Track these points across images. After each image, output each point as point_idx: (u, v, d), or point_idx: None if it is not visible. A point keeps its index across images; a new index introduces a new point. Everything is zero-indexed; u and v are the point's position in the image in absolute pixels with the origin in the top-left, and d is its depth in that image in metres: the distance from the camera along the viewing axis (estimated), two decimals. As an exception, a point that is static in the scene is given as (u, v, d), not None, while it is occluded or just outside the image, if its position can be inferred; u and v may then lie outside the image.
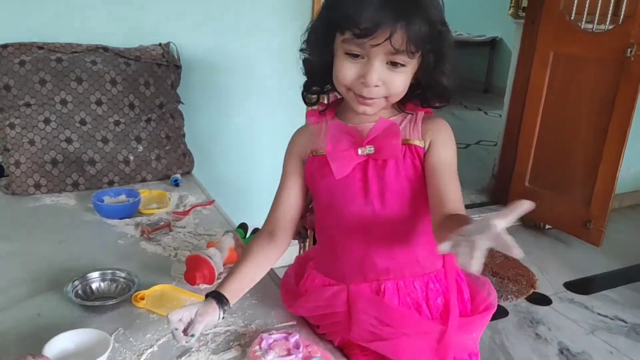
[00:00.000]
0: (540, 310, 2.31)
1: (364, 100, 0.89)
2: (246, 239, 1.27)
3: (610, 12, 2.52)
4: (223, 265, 1.17)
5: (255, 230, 1.33)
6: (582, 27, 2.64)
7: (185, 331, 0.86)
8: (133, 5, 1.86)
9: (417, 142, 0.92)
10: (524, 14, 3.18)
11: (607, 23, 2.55)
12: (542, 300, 2.39)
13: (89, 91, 1.66)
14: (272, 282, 1.17)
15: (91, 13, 1.81)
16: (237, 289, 0.95)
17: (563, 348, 2.07)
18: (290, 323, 1.02)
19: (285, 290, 1.08)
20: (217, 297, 0.90)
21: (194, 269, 1.11)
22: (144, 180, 1.73)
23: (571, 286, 2.52)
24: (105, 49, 1.74)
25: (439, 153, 0.92)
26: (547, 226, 3.05)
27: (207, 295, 0.92)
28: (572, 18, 2.68)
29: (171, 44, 1.86)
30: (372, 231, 0.93)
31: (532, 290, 2.44)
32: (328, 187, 0.95)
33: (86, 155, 1.65)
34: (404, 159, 0.92)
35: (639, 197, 3.59)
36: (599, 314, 2.31)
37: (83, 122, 1.66)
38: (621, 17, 2.49)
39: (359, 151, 0.92)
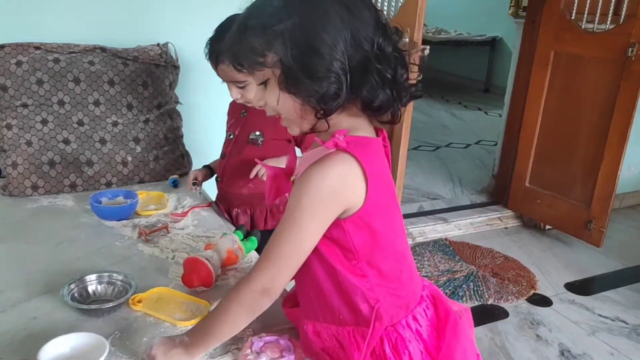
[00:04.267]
0: (541, 311, 2.30)
1: None
2: (244, 241, 1.26)
3: (611, 11, 2.52)
4: (221, 268, 1.16)
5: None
6: (583, 26, 2.63)
7: None
8: (131, 5, 1.85)
9: None
10: (524, 13, 3.18)
11: (608, 22, 2.54)
12: (542, 301, 2.38)
13: (86, 92, 1.65)
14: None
15: (89, 13, 1.80)
16: None
17: (564, 349, 2.06)
18: (287, 326, 1.01)
19: None
20: None
21: (192, 272, 1.10)
22: (142, 181, 1.72)
23: (572, 287, 2.51)
24: (103, 49, 1.73)
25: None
26: (548, 227, 3.03)
27: None
28: (572, 17, 2.67)
29: (169, 44, 1.85)
30: None
31: (532, 291, 2.43)
32: None
33: (84, 156, 1.64)
34: None
35: (640, 197, 3.59)
36: (600, 315, 2.30)
37: (81, 123, 1.65)
38: (622, 16, 2.48)
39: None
